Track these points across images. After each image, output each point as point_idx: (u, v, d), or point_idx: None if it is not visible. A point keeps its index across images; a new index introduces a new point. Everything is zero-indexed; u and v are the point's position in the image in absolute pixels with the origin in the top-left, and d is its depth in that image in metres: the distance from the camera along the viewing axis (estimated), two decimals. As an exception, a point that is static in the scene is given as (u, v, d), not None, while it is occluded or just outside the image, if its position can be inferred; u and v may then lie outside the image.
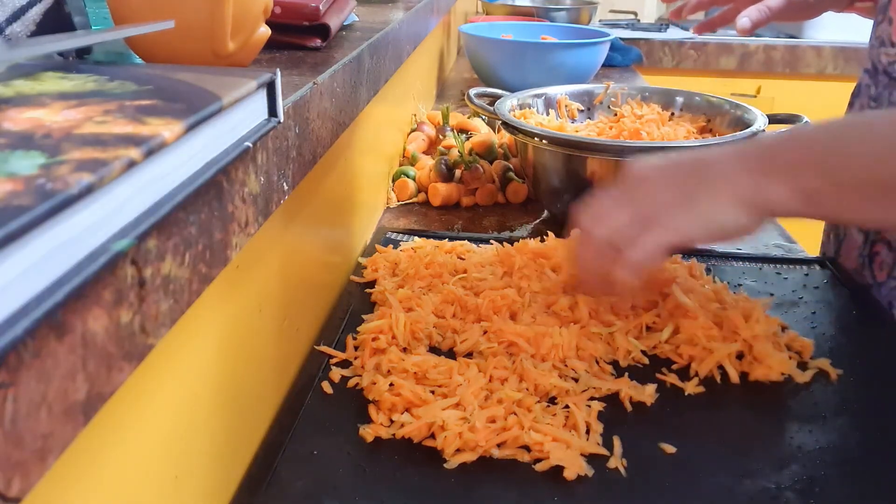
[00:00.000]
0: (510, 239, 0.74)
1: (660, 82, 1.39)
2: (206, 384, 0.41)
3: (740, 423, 0.51)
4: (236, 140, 0.32)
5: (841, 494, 0.45)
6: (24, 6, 0.39)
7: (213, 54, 0.39)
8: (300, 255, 0.57)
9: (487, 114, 0.85)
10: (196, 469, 0.40)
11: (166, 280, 0.27)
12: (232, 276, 0.43)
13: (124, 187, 0.23)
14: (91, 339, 0.22)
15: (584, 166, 0.75)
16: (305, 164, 0.44)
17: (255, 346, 0.49)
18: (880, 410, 0.53)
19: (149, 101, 0.29)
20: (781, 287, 0.70)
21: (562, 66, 1.29)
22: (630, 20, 2.34)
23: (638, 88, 0.98)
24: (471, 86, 1.26)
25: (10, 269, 0.18)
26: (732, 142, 0.53)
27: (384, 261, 0.70)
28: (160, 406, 0.36)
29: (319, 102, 0.46)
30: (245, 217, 0.35)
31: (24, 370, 0.19)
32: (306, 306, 0.60)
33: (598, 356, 0.56)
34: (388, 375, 0.52)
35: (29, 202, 0.19)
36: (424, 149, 1.05)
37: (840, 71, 2.06)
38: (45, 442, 0.20)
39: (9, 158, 0.22)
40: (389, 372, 0.53)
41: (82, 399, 0.22)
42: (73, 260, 0.21)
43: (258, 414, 0.50)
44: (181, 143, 0.27)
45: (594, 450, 0.47)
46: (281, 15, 0.54)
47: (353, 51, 0.56)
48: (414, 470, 0.46)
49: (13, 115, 0.26)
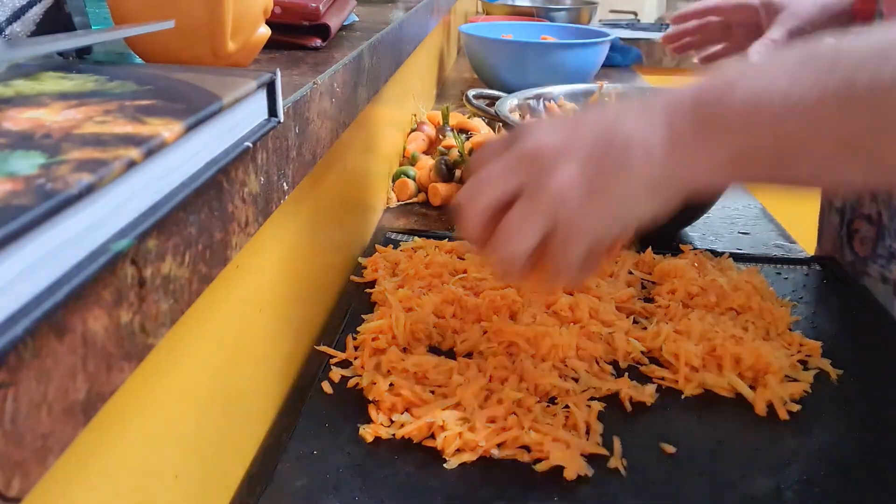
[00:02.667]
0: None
1: (660, 82, 1.40)
2: (206, 384, 0.41)
3: (740, 423, 0.51)
4: (236, 140, 0.32)
5: (840, 494, 0.45)
6: (24, 6, 0.39)
7: (213, 54, 0.39)
8: (300, 255, 0.57)
9: (486, 115, 0.85)
10: (196, 469, 0.40)
11: (166, 280, 0.27)
12: (232, 276, 0.43)
13: (124, 187, 0.23)
14: (91, 339, 0.22)
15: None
16: (305, 164, 0.44)
17: (255, 346, 0.49)
18: (880, 410, 0.53)
19: (149, 101, 0.29)
20: (781, 287, 0.70)
21: (562, 66, 1.29)
22: (630, 20, 2.34)
23: (639, 88, 0.98)
24: (471, 86, 1.27)
25: (10, 269, 0.18)
26: (659, 94, 0.44)
27: (384, 261, 0.70)
28: (160, 406, 0.36)
29: (319, 102, 0.46)
30: (245, 217, 0.35)
31: (24, 370, 0.19)
32: (306, 306, 0.60)
33: (598, 356, 0.56)
34: (388, 375, 0.52)
35: (29, 202, 0.19)
36: (424, 149, 1.04)
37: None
38: (45, 442, 0.20)
39: (9, 158, 0.22)
40: (389, 372, 0.53)
41: (82, 399, 0.22)
42: (73, 260, 0.21)
43: (258, 414, 0.50)
44: (181, 143, 0.27)
45: (594, 450, 0.47)
46: (281, 15, 0.54)
47: (353, 51, 0.56)
48: (414, 470, 0.46)
49: (13, 115, 0.26)
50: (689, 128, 0.41)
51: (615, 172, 0.42)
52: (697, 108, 0.41)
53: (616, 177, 0.42)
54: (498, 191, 0.44)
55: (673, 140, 0.41)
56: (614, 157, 0.42)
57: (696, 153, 0.41)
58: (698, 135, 0.41)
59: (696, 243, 0.80)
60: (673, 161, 0.41)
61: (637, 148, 0.42)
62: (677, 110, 0.42)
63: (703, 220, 0.85)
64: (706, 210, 0.82)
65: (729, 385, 0.54)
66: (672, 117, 0.42)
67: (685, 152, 0.41)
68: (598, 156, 0.42)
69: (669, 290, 0.66)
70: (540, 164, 0.43)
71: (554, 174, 0.42)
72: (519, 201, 0.43)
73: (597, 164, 0.42)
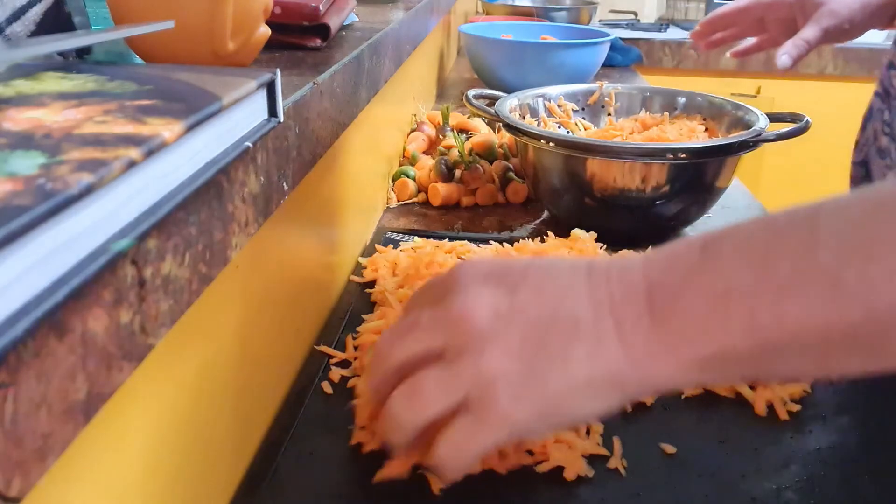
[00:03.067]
0: (510, 239, 0.74)
1: (660, 82, 1.39)
2: (206, 384, 0.41)
3: (740, 424, 0.51)
4: (236, 140, 0.32)
5: (841, 494, 0.45)
6: (24, 6, 0.39)
7: (213, 54, 0.39)
8: (300, 255, 0.57)
9: (486, 115, 0.85)
10: (196, 469, 0.40)
11: (166, 280, 0.27)
12: (232, 276, 0.43)
13: (124, 187, 0.23)
14: (91, 339, 0.22)
15: (585, 167, 0.76)
16: (305, 164, 0.44)
17: (255, 346, 0.49)
18: (880, 410, 0.53)
19: (149, 101, 0.29)
20: (781, 287, 0.70)
21: (562, 66, 1.29)
22: (630, 20, 2.34)
23: (639, 88, 0.98)
24: (471, 86, 1.26)
25: (10, 269, 0.18)
26: (612, 268, 0.37)
27: (384, 261, 0.70)
28: (160, 406, 0.36)
29: (319, 102, 0.46)
30: (245, 217, 0.35)
31: (24, 370, 0.19)
32: (306, 306, 0.60)
33: (598, 356, 0.56)
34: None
35: (29, 202, 0.19)
36: (424, 149, 1.04)
37: (840, 71, 2.06)
38: (45, 442, 0.20)
39: (9, 158, 0.22)
40: None
41: (82, 399, 0.22)
42: (73, 260, 0.21)
43: (258, 413, 0.50)
44: (181, 143, 0.27)
45: (594, 450, 0.47)
46: (281, 15, 0.54)
47: (353, 51, 0.56)
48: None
49: (13, 115, 0.26)
50: (643, 325, 0.35)
51: (554, 363, 0.35)
52: (653, 302, 0.35)
53: (554, 369, 0.35)
54: (419, 346, 0.38)
55: (623, 337, 0.35)
56: (555, 344, 0.36)
57: (653, 355, 0.35)
58: (655, 334, 0.34)
59: (696, 243, 0.80)
60: (623, 361, 0.35)
61: (583, 339, 0.35)
62: (629, 299, 0.36)
63: (702, 220, 0.85)
64: (706, 210, 0.82)
65: (729, 385, 0.54)
66: (622, 309, 0.35)
67: (639, 352, 0.35)
68: (537, 338, 0.36)
69: None
70: (471, 333, 0.36)
71: (485, 349, 0.36)
72: (438, 364, 0.37)
73: (535, 348, 0.36)
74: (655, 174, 0.74)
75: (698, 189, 0.77)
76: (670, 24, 2.28)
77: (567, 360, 0.35)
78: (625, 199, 0.75)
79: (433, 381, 0.37)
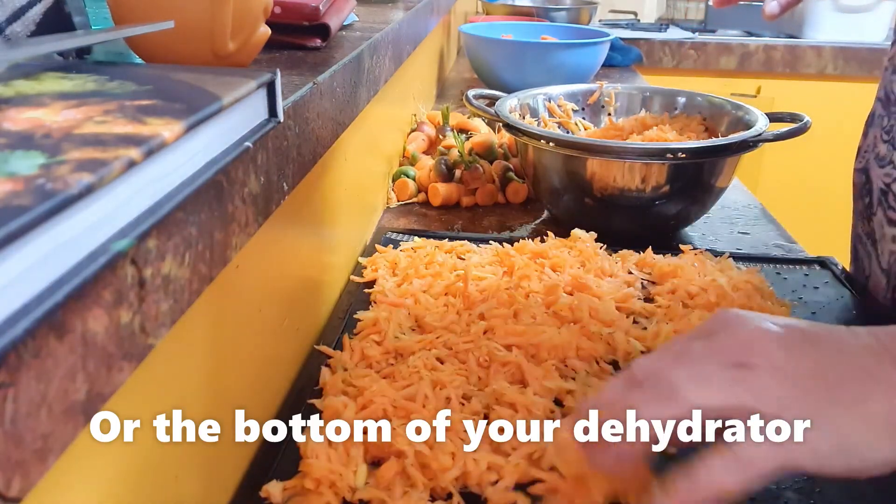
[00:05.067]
0: (510, 239, 0.74)
1: (660, 82, 1.40)
2: (206, 384, 0.41)
3: (740, 423, 0.51)
4: (236, 140, 0.32)
5: (841, 494, 0.45)
6: (24, 6, 0.39)
7: (213, 54, 0.39)
8: (300, 255, 0.57)
9: (486, 115, 0.85)
10: (196, 469, 0.40)
11: (166, 280, 0.27)
12: (232, 276, 0.43)
13: (124, 187, 0.23)
14: (91, 339, 0.22)
15: (585, 167, 0.76)
16: (305, 164, 0.44)
17: (256, 346, 0.49)
18: (880, 410, 0.53)
19: (149, 101, 0.29)
20: (781, 287, 0.70)
21: (562, 66, 1.29)
22: (630, 20, 2.34)
23: (639, 88, 0.98)
24: (471, 86, 1.27)
25: (10, 269, 0.18)
26: (878, 331, 0.37)
27: (384, 261, 0.70)
28: (160, 406, 0.36)
29: (319, 102, 0.46)
30: (245, 217, 0.35)
31: (24, 370, 0.19)
32: (306, 306, 0.60)
33: (598, 356, 0.56)
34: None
35: (29, 202, 0.19)
36: (424, 149, 1.05)
37: (840, 71, 2.06)
38: (45, 442, 0.20)
39: (9, 158, 0.22)
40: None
41: (82, 399, 0.22)
42: (73, 260, 0.21)
43: (258, 414, 0.50)
44: (181, 143, 0.27)
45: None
46: (281, 15, 0.54)
47: (353, 51, 0.56)
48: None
49: (13, 115, 0.26)
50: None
51: (848, 385, 0.35)
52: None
53: (849, 391, 0.34)
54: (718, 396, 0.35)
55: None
56: (849, 388, 0.34)
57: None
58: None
59: (696, 243, 0.80)
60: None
61: (879, 382, 0.34)
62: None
63: (703, 220, 0.85)
64: (706, 210, 0.82)
65: None
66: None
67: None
68: (826, 362, 0.35)
69: (669, 290, 0.66)
70: (758, 364, 0.35)
71: (775, 378, 0.35)
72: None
73: (826, 368, 0.35)
74: (655, 174, 0.74)
75: (698, 189, 0.77)
76: (670, 24, 2.29)
77: (864, 402, 0.34)
78: (625, 199, 0.76)
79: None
